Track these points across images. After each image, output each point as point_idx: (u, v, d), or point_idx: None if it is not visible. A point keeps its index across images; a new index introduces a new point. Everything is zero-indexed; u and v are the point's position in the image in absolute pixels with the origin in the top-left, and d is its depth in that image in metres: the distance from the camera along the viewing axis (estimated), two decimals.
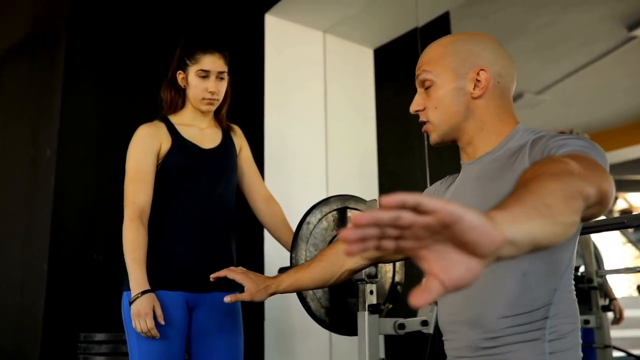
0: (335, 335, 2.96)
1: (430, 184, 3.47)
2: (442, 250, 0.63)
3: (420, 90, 1.28)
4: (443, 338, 1.28)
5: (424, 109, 1.27)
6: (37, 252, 2.60)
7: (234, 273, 1.56)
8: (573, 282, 1.15)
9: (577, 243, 1.17)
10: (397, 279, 2.04)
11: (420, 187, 3.55)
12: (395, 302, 2.03)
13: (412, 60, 3.80)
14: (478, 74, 1.22)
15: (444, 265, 0.62)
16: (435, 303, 1.99)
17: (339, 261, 1.54)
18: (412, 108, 1.28)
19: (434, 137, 1.27)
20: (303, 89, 3.17)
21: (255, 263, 2.82)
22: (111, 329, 2.38)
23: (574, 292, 1.15)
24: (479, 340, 1.14)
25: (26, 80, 3.08)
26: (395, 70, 3.66)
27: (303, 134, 3.12)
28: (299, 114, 3.12)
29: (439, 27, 3.68)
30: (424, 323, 1.94)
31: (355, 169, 3.27)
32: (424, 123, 1.28)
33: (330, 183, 3.14)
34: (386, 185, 3.35)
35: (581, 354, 1.14)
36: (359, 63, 3.40)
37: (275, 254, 2.82)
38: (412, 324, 1.91)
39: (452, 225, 0.61)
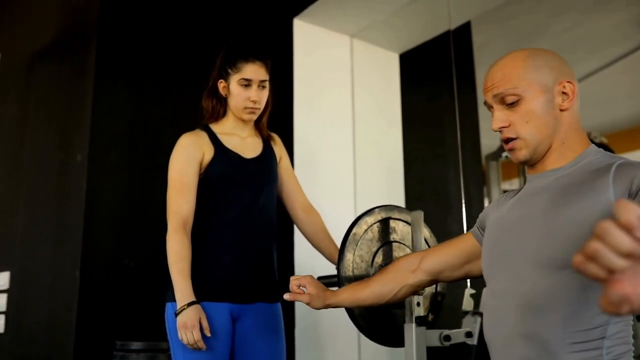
0: (363, 343, 2.95)
1: (464, 192, 3.46)
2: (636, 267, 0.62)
3: (499, 107, 1.27)
4: (491, 352, 1.27)
5: (510, 125, 1.25)
6: (69, 259, 2.59)
7: (303, 278, 1.60)
8: None
9: None
10: (439, 289, 2.03)
11: (451, 194, 3.55)
12: (437, 313, 2.02)
13: (438, 65, 3.79)
14: (564, 86, 1.24)
15: (635, 281, 0.61)
16: (480, 314, 2.00)
17: (399, 276, 1.55)
18: (496, 125, 1.26)
19: (524, 154, 1.26)
20: (331, 94, 3.15)
21: (285, 271, 2.81)
22: (144, 337, 2.38)
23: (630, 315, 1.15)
24: (537, 356, 1.13)
25: (55, 83, 3.07)
26: (422, 75, 3.65)
27: (331, 140, 3.11)
28: (327, 119, 3.11)
29: (461, 31, 3.68)
30: (469, 334, 1.93)
31: (382, 175, 3.26)
32: (510, 140, 1.26)
33: (358, 189, 3.12)
34: (412, 192, 3.33)
35: None
36: (385, 68, 3.38)
37: (305, 262, 2.81)
38: (457, 336, 1.91)
39: None
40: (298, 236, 2.79)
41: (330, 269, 2.29)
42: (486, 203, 4.28)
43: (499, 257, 1.26)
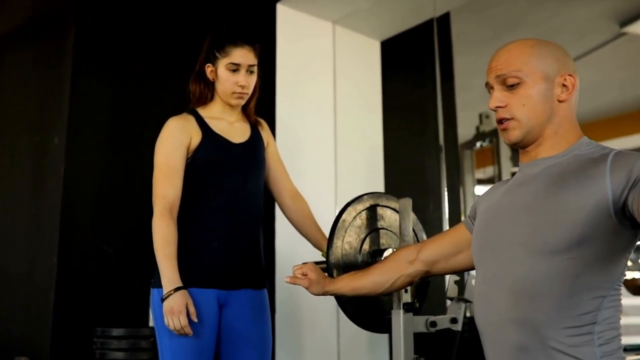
0: (342, 329, 2.97)
1: (447, 180, 3.48)
2: None
3: (499, 87, 1.29)
4: (482, 338, 1.29)
5: (506, 106, 1.28)
6: (47, 245, 2.53)
7: (305, 266, 1.65)
8: (621, 292, 1.18)
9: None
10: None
11: (429, 181, 3.58)
12: (422, 300, 2.04)
13: (419, 54, 3.81)
14: (565, 79, 1.26)
15: None
16: (465, 301, 2.02)
17: (397, 266, 1.59)
18: (493, 104, 1.29)
19: (516, 134, 1.28)
20: (313, 81, 3.14)
21: (266, 258, 2.80)
22: (125, 324, 2.35)
23: (621, 300, 1.18)
24: (529, 341, 1.15)
25: (31, 64, 2.99)
26: (402, 63, 3.66)
27: (313, 126, 3.09)
28: (309, 105, 3.10)
29: (441, 20, 3.69)
30: (454, 320, 1.95)
31: (363, 162, 3.26)
32: (504, 120, 1.29)
33: (339, 176, 3.12)
34: (391, 179, 3.35)
35: (624, 356, 1.17)
36: (366, 55, 3.38)
37: (286, 248, 2.80)
38: (443, 322, 1.93)
39: None
40: (279, 223, 2.78)
41: (312, 255, 2.29)
42: (461, 191, 4.32)
43: (491, 243, 1.28)
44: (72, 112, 2.55)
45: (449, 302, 2.06)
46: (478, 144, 4.82)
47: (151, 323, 2.34)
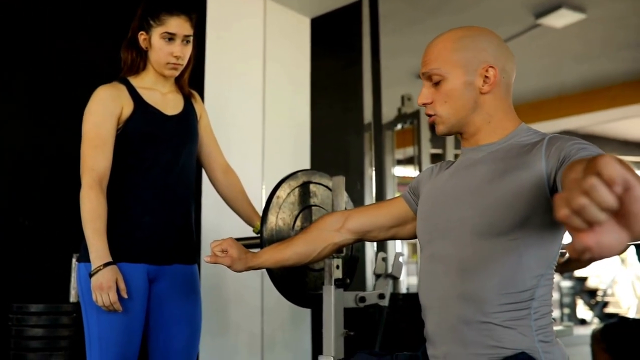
0: (266, 303, 2.99)
1: (375, 159, 3.54)
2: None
3: (427, 83, 1.34)
4: (425, 313, 1.35)
5: (432, 102, 1.33)
6: None
7: (225, 242, 1.60)
8: (554, 270, 1.26)
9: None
10: (353, 253, 2.09)
11: (355, 161, 3.63)
12: (351, 276, 2.08)
13: (347, 32, 3.82)
14: (487, 70, 1.29)
15: (596, 234, 0.65)
16: (393, 278, 2.08)
17: (323, 235, 1.59)
18: (420, 101, 1.34)
19: (441, 129, 1.35)
20: (242, 55, 3.08)
21: None
22: (44, 299, 2.25)
23: (553, 279, 1.27)
24: (473, 315, 1.21)
25: None
26: (331, 41, 3.66)
27: (241, 101, 3.05)
28: (238, 79, 3.04)
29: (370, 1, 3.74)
30: (381, 296, 2.01)
31: (290, 138, 3.26)
32: (430, 115, 1.35)
33: (266, 151, 3.11)
34: (318, 155, 3.37)
35: (554, 330, 1.26)
36: (296, 31, 3.36)
37: (213, 223, 2.77)
38: (371, 297, 1.98)
39: (626, 191, 0.64)
40: (206, 197, 2.74)
41: (239, 230, 2.29)
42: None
43: (438, 225, 1.32)
44: None
45: (374, 278, 2.11)
46: (399, 125, 4.93)
47: (72, 299, 2.27)
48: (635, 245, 2.46)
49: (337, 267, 1.83)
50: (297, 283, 1.92)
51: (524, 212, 1.18)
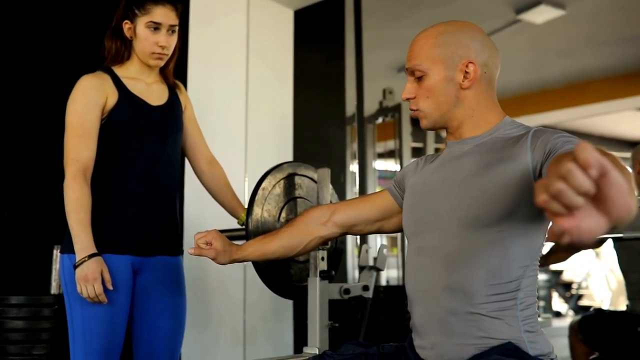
0: (249, 293, 2.99)
1: (359, 152, 3.55)
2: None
3: (411, 78, 1.36)
4: (412, 305, 1.36)
5: (415, 97, 1.35)
6: None
7: (209, 234, 1.58)
8: (538, 261, 1.28)
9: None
10: (338, 245, 2.10)
11: (338, 153, 3.64)
12: (336, 268, 2.09)
13: (330, 25, 3.81)
14: (467, 66, 1.30)
15: (575, 218, 0.67)
16: (377, 269, 2.10)
17: (309, 228, 1.59)
18: (404, 96, 1.36)
19: (425, 124, 1.37)
20: (226, 47, 3.06)
21: None
22: (25, 291, 2.23)
23: (538, 270, 1.29)
24: (460, 306, 1.23)
25: None
26: (315, 33, 3.66)
27: (224, 93, 3.03)
28: (221, 70, 3.02)
29: None
30: (365, 288, 2.03)
31: (273, 130, 3.26)
32: (413, 110, 1.37)
33: (249, 143, 3.10)
34: (300, 149, 3.37)
35: (539, 320, 1.28)
36: (280, 23, 3.34)
37: (195, 215, 2.76)
38: (355, 289, 1.99)
39: (603, 176, 0.66)
40: (188, 189, 2.73)
41: (222, 222, 2.28)
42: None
43: (425, 217, 1.33)
44: None
45: (357, 270, 2.13)
46: (380, 119, 4.95)
47: (53, 290, 2.25)
48: (612, 238, 2.51)
49: (323, 259, 1.84)
50: (282, 275, 1.92)
51: (510, 203, 1.20)
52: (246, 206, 2.02)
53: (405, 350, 1.37)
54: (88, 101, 1.78)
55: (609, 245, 2.74)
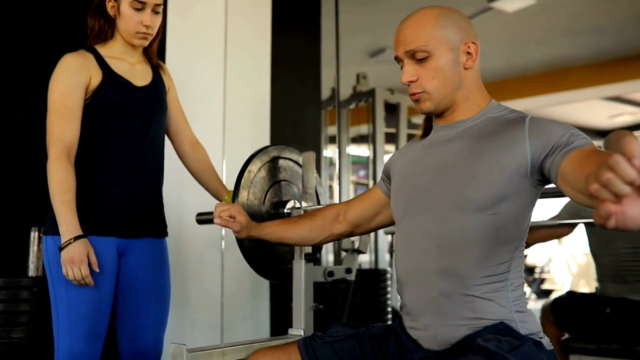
0: (226, 278, 2.98)
1: (338, 134, 3.54)
2: None
3: (409, 61, 1.33)
4: (402, 288, 1.38)
5: (417, 80, 1.33)
6: None
7: (232, 208, 1.60)
8: (524, 242, 1.32)
9: None
10: None
11: (313, 137, 3.64)
12: (319, 251, 2.11)
13: (309, 8, 3.79)
14: (469, 46, 1.32)
15: (621, 204, 0.73)
16: (358, 252, 2.12)
17: (327, 224, 1.63)
18: (405, 79, 1.34)
19: (428, 106, 1.35)
20: (204, 28, 3.02)
21: None
22: (1, 274, 2.19)
23: (524, 249, 1.32)
24: (454, 289, 1.25)
25: None
26: (292, 17, 3.64)
27: (202, 74, 3.00)
28: (199, 53, 2.99)
29: None
30: (348, 270, 2.05)
31: (251, 112, 3.24)
32: (415, 93, 1.34)
33: (227, 125, 3.08)
34: (277, 132, 3.36)
35: (527, 300, 1.32)
36: (257, 7, 3.31)
37: (174, 198, 2.74)
38: (339, 272, 2.02)
39: None
40: (167, 172, 2.70)
41: (199, 205, 2.28)
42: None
43: (415, 200, 1.34)
44: None
45: (343, 253, 2.15)
46: (354, 103, 4.97)
47: (31, 273, 2.21)
48: (584, 223, 2.58)
49: None
50: (267, 256, 1.93)
51: (504, 189, 1.22)
52: (229, 189, 2.03)
53: (396, 330, 1.39)
54: (71, 80, 1.75)
55: (576, 230, 2.81)
